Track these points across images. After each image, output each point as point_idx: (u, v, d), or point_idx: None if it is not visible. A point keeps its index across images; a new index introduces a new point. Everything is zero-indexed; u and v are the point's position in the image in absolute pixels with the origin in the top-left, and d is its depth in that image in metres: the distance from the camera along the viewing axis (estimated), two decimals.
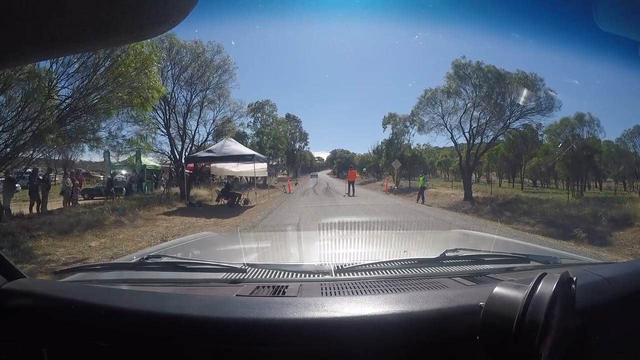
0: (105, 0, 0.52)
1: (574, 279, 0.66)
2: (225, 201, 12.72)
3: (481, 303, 0.65)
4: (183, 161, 13.72)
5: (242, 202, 12.92)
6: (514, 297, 0.61)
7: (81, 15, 0.52)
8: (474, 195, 15.14)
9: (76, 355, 0.77)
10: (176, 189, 14.41)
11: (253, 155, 12.81)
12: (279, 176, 34.31)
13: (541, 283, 0.60)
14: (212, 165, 14.60)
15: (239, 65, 16.00)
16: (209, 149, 13.53)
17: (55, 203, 11.98)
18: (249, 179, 19.98)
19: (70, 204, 11.86)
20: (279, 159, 35.18)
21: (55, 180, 15.28)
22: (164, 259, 1.20)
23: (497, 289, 0.64)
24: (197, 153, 13.41)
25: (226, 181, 14.64)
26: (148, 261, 1.16)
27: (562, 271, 0.65)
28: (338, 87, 66.68)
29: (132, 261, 1.19)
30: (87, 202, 13.05)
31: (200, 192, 15.01)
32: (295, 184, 26.16)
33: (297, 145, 42.17)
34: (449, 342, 0.69)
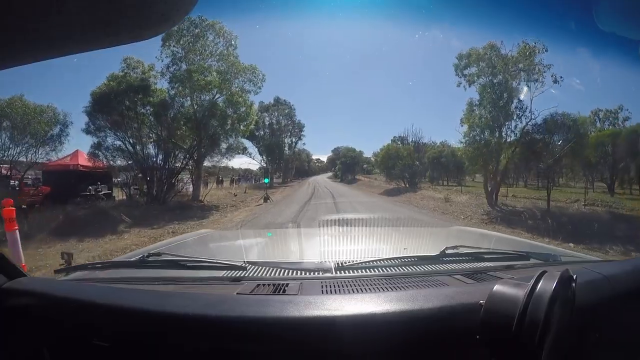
0: (105, 1, 0.53)
1: (574, 276, 0.67)
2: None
3: (481, 301, 0.66)
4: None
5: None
6: (514, 295, 0.62)
7: (81, 15, 0.53)
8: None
9: (77, 354, 0.78)
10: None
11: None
12: (274, 180, 32.06)
13: (541, 281, 0.61)
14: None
15: None
16: None
17: None
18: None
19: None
20: (277, 161, 32.14)
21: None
22: (164, 257, 1.21)
23: (497, 287, 0.65)
24: None
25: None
26: (148, 259, 1.18)
27: (562, 269, 0.66)
28: (339, 86, 64.66)
29: (132, 259, 1.21)
30: None
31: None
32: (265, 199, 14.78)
33: (287, 140, 33.18)
34: (449, 340, 0.70)
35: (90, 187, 12.95)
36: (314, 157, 52.74)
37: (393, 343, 0.69)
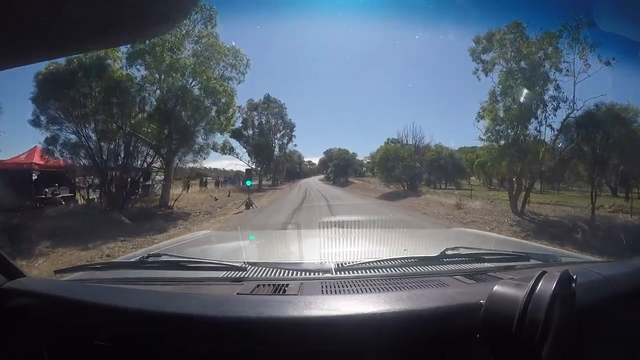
0: (105, 0, 0.53)
1: (574, 277, 0.69)
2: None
3: (481, 301, 0.67)
4: None
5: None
6: (514, 295, 0.63)
7: (81, 15, 0.54)
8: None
9: (76, 354, 0.80)
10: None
11: None
12: (263, 182, 29.74)
13: (541, 281, 0.63)
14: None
15: None
16: None
17: None
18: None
19: None
20: (266, 162, 29.69)
21: None
22: (165, 258, 1.22)
23: (497, 288, 0.67)
24: None
25: None
26: (148, 260, 1.19)
27: (562, 269, 0.68)
28: (331, 88, 62.94)
29: (132, 260, 1.23)
30: None
31: None
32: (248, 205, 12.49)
33: (278, 141, 30.81)
34: (450, 340, 0.73)
35: (46, 190, 11.31)
36: (305, 159, 50.38)
37: (393, 343, 0.71)
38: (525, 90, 9.86)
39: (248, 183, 15.13)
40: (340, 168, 39.18)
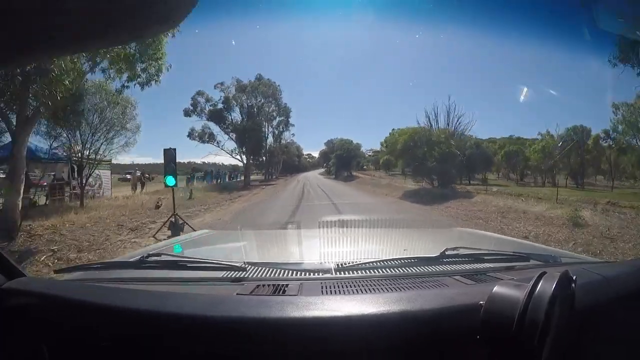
0: (105, 0, 0.54)
1: (574, 277, 0.70)
2: None
3: (481, 302, 0.68)
4: None
5: None
6: (513, 296, 0.64)
7: (81, 15, 0.54)
8: None
9: (76, 354, 0.81)
10: None
11: None
12: (251, 177, 24.06)
13: (541, 282, 0.63)
14: None
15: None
16: None
17: None
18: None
19: None
20: (254, 152, 24.00)
21: None
22: (164, 258, 1.22)
23: (497, 288, 0.68)
24: None
25: None
26: (148, 260, 1.19)
27: (561, 270, 0.68)
28: (332, 78, 58.01)
29: (131, 260, 1.24)
30: None
31: None
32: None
33: (272, 129, 26.64)
34: (450, 341, 0.74)
35: None
36: (305, 152, 44.92)
37: (393, 343, 0.72)
38: None
39: (168, 181, 7.27)
40: (342, 160, 34.16)
